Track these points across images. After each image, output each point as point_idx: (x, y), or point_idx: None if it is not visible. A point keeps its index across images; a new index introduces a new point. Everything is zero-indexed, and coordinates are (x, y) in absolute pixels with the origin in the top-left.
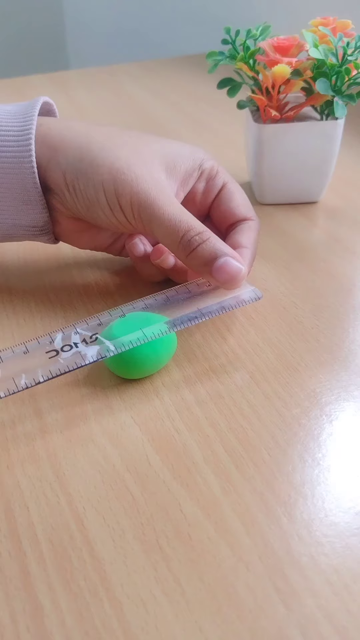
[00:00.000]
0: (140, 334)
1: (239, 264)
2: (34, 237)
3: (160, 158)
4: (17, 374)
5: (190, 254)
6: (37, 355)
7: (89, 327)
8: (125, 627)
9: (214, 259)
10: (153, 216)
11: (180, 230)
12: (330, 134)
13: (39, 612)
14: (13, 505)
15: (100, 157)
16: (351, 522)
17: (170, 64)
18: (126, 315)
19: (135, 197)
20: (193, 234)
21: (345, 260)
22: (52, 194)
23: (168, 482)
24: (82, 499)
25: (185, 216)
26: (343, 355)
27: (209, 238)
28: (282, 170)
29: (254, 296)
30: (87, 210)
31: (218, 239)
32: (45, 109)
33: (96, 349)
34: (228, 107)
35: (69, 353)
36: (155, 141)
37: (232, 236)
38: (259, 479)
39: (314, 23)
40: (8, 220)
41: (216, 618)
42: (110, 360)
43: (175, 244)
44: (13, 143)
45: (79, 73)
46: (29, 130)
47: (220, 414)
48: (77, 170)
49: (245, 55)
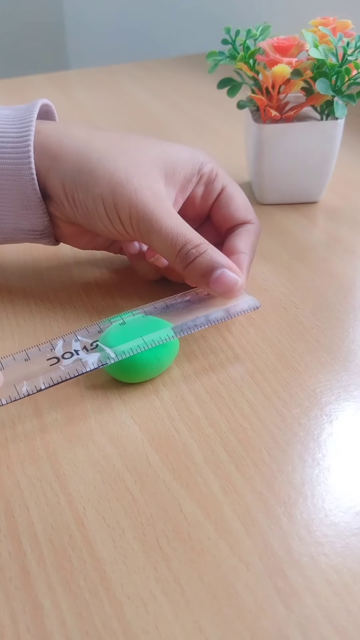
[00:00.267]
0: (140, 342)
1: (236, 275)
2: (34, 240)
3: (159, 166)
4: (19, 381)
5: (188, 266)
6: (38, 363)
7: (89, 334)
8: (125, 627)
9: (211, 271)
10: (151, 229)
11: (178, 243)
12: (330, 134)
13: (39, 612)
14: (13, 505)
15: (99, 168)
16: (351, 522)
17: (170, 64)
18: (126, 323)
19: (134, 210)
20: (190, 248)
21: (345, 260)
22: (51, 202)
23: (168, 482)
24: (82, 499)
25: (182, 229)
26: (343, 355)
27: (206, 250)
28: (282, 170)
29: (252, 305)
30: (86, 220)
31: (215, 250)
32: (43, 110)
33: (97, 356)
34: (228, 107)
35: (69, 360)
36: (154, 146)
37: (230, 240)
38: (259, 479)
39: (314, 23)
40: (9, 225)
41: (216, 618)
42: (111, 367)
43: (173, 257)
44: (11, 150)
45: (79, 73)
46: (27, 137)
47: (220, 414)
48: (76, 181)
49: (245, 55)
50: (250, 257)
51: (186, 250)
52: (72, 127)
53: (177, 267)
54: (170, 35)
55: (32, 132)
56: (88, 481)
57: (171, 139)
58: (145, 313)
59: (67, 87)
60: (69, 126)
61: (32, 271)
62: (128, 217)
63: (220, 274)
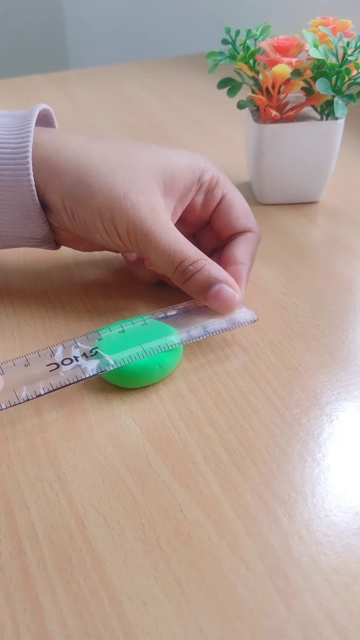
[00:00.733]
0: (139, 349)
1: (233, 290)
2: (35, 246)
3: (158, 177)
4: (18, 386)
5: (185, 282)
6: (38, 368)
7: (88, 341)
8: (125, 627)
9: (209, 286)
10: (149, 245)
11: (175, 260)
12: (330, 134)
13: (39, 612)
14: (13, 505)
15: (96, 183)
16: (351, 522)
17: (170, 64)
18: (126, 331)
19: (131, 226)
20: (187, 264)
21: (345, 260)
22: (50, 213)
23: (168, 482)
24: (82, 499)
25: (180, 245)
26: (343, 355)
27: (204, 266)
28: (282, 170)
29: (249, 319)
30: (85, 232)
31: (213, 266)
32: (42, 115)
33: (96, 362)
34: (228, 107)
35: (69, 366)
36: (154, 155)
37: (229, 249)
38: (259, 479)
39: (314, 23)
40: (9, 233)
41: (216, 618)
42: (111, 374)
43: (171, 273)
44: (10, 161)
45: (79, 73)
46: (25, 148)
47: (220, 414)
48: (75, 196)
49: (245, 55)
50: (249, 267)
51: (184, 267)
52: (69, 136)
53: (176, 282)
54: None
55: (31, 143)
56: (88, 481)
57: (171, 139)
58: (144, 322)
59: (67, 87)
60: (67, 135)
61: (32, 271)
62: (126, 233)
63: (218, 290)
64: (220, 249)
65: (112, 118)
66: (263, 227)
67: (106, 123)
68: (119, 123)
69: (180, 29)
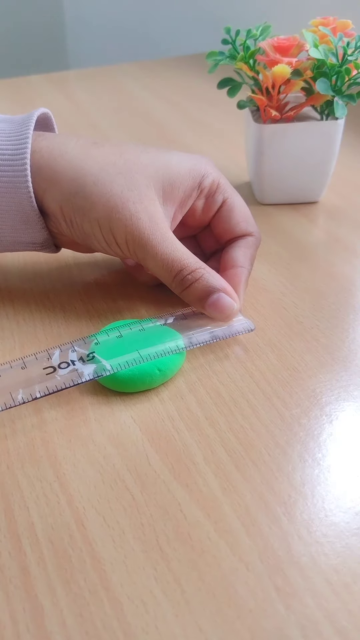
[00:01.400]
0: (136, 355)
1: (231, 299)
2: (34, 250)
3: (157, 184)
4: (15, 388)
5: (184, 291)
6: (34, 371)
7: (86, 345)
8: (125, 627)
9: (207, 295)
10: (147, 255)
11: (173, 270)
12: (330, 134)
13: (39, 612)
14: (13, 505)
15: (94, 193)
16: (351, 522)
17: (170, 64)
18: (123, 336)
19: (130, 235)
20: (185, 273)
21: (345, 260)
22: (49, 220)
23: (168, 482)
24: (82, 499)
25: (178, 254)
26: (343, 355)
27: (202, 276)
28: (282, 170)
29: (247, 328)
30: (84, 240)
31: (211, 274)
32: (41, 118)
33: (92, 367)
34: (228, 107)
35: (65, 370)
36: (153, 160)
37: (229, 251)
38: (259, 479)
39: (314, 23)
40: (8, 238)
41: (216, 618)
42: (108, 379)
43: (169, 282)
44: (8, 167)
45: (79, 73)
46: (24, 154)
47: (220, 414)
48: (73, 206)
49: (245, 55)
50: (249, 270)
51: (182, 276)
52: (68, 142)
53: (174, 290)
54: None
55: (29, 149)
56: (88, 481)
57: (171, 139)
58: (142, 328)
59: (67, 87)
60: (65, 142)
61: (32, 271)
62: (125, 242)
63: (216, 299)
64: (220, 251)
65: (112, 118)
66: (263, 227)
67: (106, 123)
68: (119, 123)
69: (180, 29)
